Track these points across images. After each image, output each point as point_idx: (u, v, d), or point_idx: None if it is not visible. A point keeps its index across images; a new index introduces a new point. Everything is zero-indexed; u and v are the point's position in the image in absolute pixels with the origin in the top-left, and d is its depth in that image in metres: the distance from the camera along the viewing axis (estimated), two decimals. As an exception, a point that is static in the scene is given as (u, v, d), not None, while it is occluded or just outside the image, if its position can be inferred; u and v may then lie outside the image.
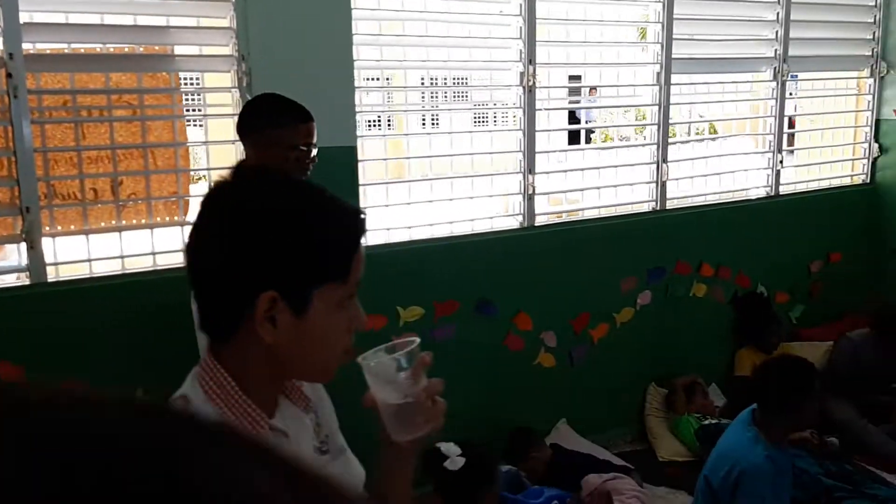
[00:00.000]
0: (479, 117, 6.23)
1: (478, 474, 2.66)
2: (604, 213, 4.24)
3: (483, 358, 3.83)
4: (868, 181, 5.25)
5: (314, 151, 2.55)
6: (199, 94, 3.24)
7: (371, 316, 3.40)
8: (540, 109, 3.76)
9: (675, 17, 4.06)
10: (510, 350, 3.92)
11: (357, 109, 3.31)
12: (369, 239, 3.51)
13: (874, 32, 5.02)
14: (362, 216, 1.05)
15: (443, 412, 1.11)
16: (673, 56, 4.13)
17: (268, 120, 2.48)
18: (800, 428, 2.73)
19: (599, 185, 4.19)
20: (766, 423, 2.70)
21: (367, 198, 3.49)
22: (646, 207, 4.36)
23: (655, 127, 4.20)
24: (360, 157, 3.41)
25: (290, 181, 1.04)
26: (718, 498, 2.68)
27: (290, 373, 1.05)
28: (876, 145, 5.18)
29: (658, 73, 4.12)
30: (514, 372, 3.95)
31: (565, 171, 3.97)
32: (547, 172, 3.85)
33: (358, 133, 3.34)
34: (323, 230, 1.00)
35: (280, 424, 1.05)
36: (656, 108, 4.17)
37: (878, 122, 5.17)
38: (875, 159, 5.21)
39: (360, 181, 3.42)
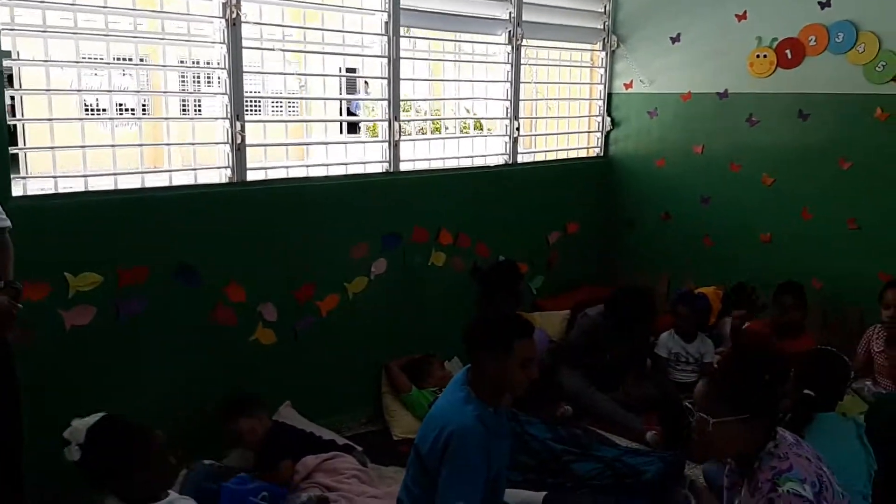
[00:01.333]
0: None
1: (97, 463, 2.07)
2: (333, 171, 3.86)
3: (185, 335, 3.30)
4: (602, 154, 5.35)
5: None
6: None
7: (29, 284, 2.83)
8: (248, 48, 3.31)
9: (403, -38, 3.80)
10: (220, 325, 3.42)
11: None
12: (28, 188, 2.88)
13: (605, 6, 5.11)
14: None
15: None
16: (402, 6, 3.86)
17: None
18: (511, 389, 2.48)
19: (327, 140, 3.81)
20: (477, 383, 2.46)
21: (28, 138, 2.85)
22: (378, 168, 4.05)
23: (385, 81, 3.90)
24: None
25: None
26: (426, 465, 2.39)
27: None
28: (609, 119, 5.28)
29: (386, 23, 3.83)
30: (225, 351, 3.46)
31: (282, 121, 3.55)
32: (260, 121, 3.40)
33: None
34: None
35: None
36: (385, 60, 3.87)
37: (610, 96, 5.28)
38: (608, 133, 5.32)
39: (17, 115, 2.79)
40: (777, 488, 2.06)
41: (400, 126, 3.99)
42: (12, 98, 2.85)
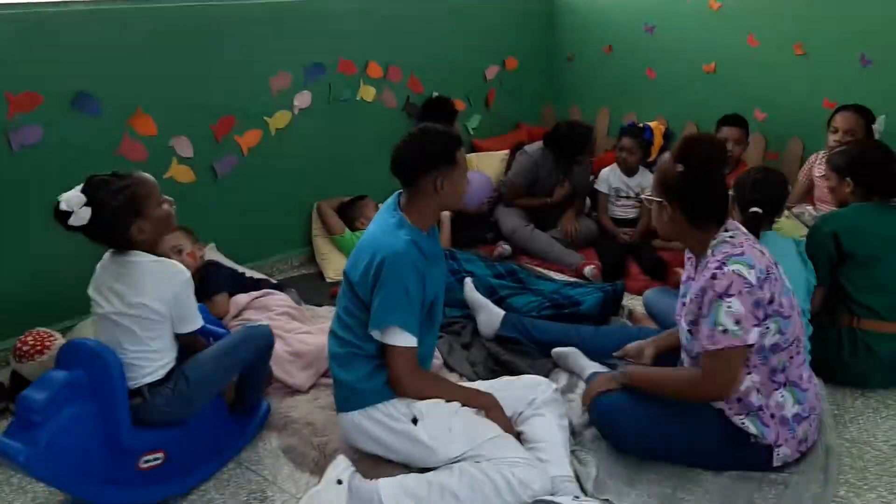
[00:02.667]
0: None
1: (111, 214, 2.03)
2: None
3: (90, 171, 2.96)
4: (543, -20, 5.01)
5: None
6: None
7: None
8: None
9: None
10: (129, 160, 3.13)
11: None
12: None
13: None
14: None
15: None
16: None
17: None
18: (456, 203, 2.32)
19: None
20: (410, 206, 2.27)
21: None
22: (298, -11, 3.67)
23: None
24: None
25: None
26: (359, 294, 2.23)
27: None
28: (550, -60, 4.91)
29: None
30: (138, 188, 3.19)
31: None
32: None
33: None
34: None
35: None
36: None
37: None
38: (549, -43, 4.96)
39: None
40: (724, 266, 2.06)
41: (320, -60, 3.59)
42: None
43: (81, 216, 1.98)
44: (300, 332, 2.89)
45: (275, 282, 3.40)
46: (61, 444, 1.92)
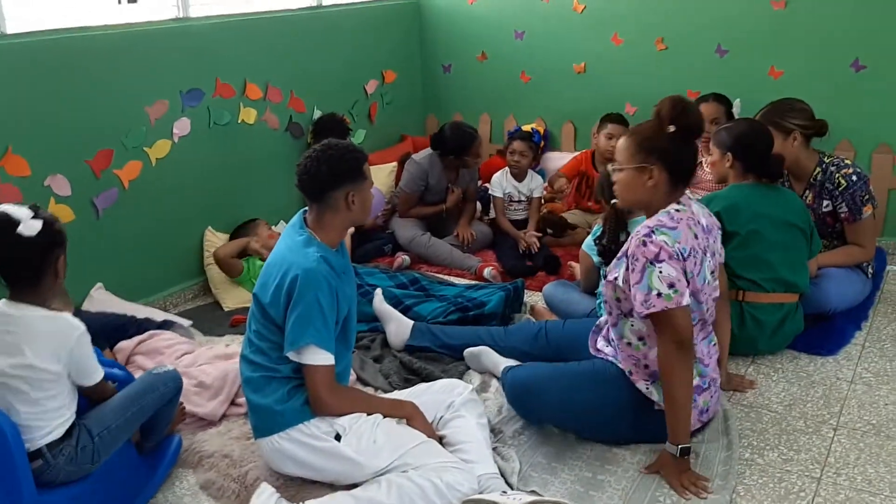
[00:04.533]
0: None
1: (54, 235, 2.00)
2: (108, 20, 3.36)
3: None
4: (411, -5, 5.09)
5: None
6: None
7: None
8: None
9: None
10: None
11: None
12: None
13: None
14: None
15: None
16: None
17: None
18: (366, 216, 2.33)
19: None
20: (319, 223, 2.25)
21: None
22: (167, 15, 3.57)
23: None
24: None
25: None
26: (271, 316, 2.19)
27: None
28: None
29: None
30: (13, 233, 3.02)
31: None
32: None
33: None
34: None
35: None
36: None
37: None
38: (416, -30, 5.04)
39: None
40: (653, 235, 2.14)
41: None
42: None
43: (32, 227, 1.91)
44: (199, 365, 2.81)
45: (160, 318, 3.27)
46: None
